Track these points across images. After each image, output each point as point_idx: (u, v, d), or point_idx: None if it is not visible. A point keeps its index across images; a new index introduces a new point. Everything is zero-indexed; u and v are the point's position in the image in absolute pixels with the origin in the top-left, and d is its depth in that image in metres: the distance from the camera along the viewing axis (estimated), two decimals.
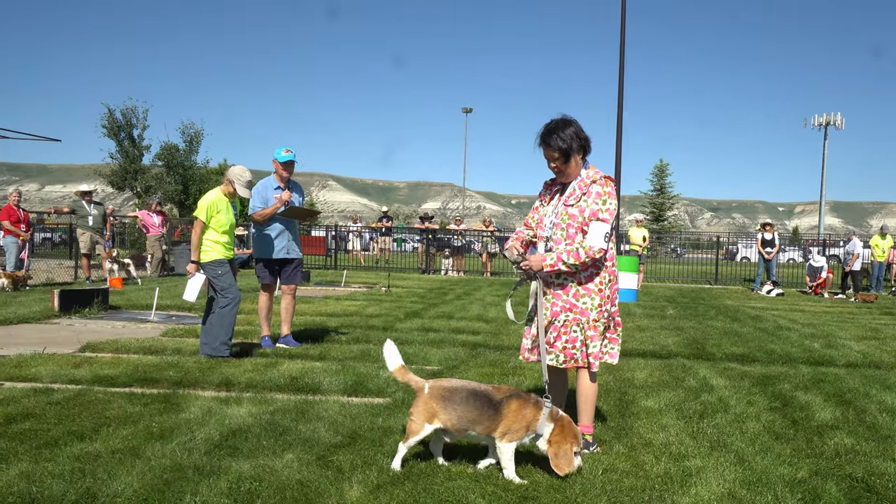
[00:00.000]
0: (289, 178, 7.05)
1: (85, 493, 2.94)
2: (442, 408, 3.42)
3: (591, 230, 3.68)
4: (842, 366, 6.78)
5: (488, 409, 3.40)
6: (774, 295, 16.67)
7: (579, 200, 3.76)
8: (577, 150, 3.76)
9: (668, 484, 3.30)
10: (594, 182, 3.77)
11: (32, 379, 5.24)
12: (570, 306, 3.77)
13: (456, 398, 3.43)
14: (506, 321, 9.50)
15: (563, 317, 3.77)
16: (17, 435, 3.79)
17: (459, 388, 3.49)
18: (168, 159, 29.46)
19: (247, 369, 5.73)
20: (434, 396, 3.45)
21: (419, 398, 3.48)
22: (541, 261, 3.69)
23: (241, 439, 3.81)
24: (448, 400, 3.43)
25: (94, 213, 14.67)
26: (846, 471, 3.58)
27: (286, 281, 7.11)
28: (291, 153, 7.00)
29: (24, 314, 8.75)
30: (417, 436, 3.42)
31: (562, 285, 3.79)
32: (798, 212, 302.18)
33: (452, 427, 3.42)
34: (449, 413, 3.41)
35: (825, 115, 54.05)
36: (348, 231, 25.55)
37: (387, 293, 13.62)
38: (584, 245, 3.65)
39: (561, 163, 3.77)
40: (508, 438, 3.36)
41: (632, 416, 4.58)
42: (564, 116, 3.83)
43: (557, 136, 3.74)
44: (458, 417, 3.40)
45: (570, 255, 3.65)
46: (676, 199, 67.42)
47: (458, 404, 3.42)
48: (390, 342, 3.63)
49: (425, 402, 3.45)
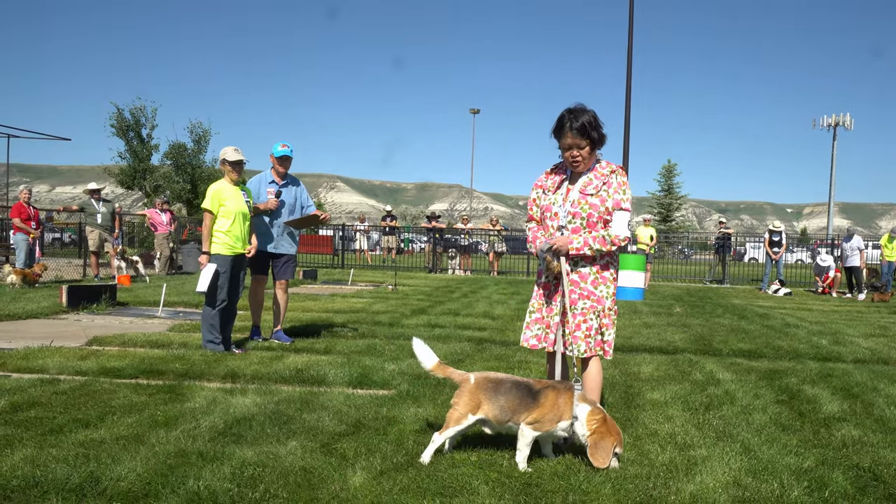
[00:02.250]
0: (285, 172, 7.02)
1: (88, 476, 2.95)
2: (487, 398, 3.42)
3: (615, 219, 3.71)
4: (850, 361, 6.73)
5: (528, 399, 3.40)
6: (782, 294, 16.60)
7: (599, 190, 3.74)
8: (602, 140, 3.76)
9: (673, 472, 3.28)
10: (613, 172, 3.76)
11: (39, 370, 5.26)
12: (588, 293, 3.77)
13: (501, 389, 3.43)
14: (512, 318, 9.49)
15: (581, 304, 3.77)
16: (23, 422, 3.81)
17: (504, 379, 3.49)
18: (176, 158, 29.57)
19: (252, 362, 5.74)
20: (481, 387, 3.45)
21: (464, 388, 3.46)
22: (567, 242, 3.68)
23: (245, 427, 3.82)
24: (494, 391, 3.43)
25: (102, 210, 14.75)
26: (853, 461, 3.55)
27: (277, 276, 7.08)
28: (288, 148, 6.97)
29: (33, 309, 8.80)
30: (459, 426, 3.40)
31: (579, 272, 3.79)
32: (807, 213, 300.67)
33: (494, 418, 3.42)
34: (493, 404, 3.41)
35: (834, 116, 53.65)
36: (355, 231, 25.60)
37: (393, 291, 13.63)
38: (611, 233, 3.69)
39: (587, 151, 3.73)
40: (537, 427, 3.36)
41: (637, 408, 4.56)
42: (581, 104, 3.78)
43: (585, 121, 3.70)
44: (500, 408, 3.40)
45: (597, 241, 3.67)
46: (684, 200, 67.26)
47: (503, 395, 3.41)
48: (418, 340, 3.60)
49: (471, 392, 3.43)
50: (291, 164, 7.08)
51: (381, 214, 25.54)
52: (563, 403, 3.39)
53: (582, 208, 3.75)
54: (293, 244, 7.12)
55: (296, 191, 7.11)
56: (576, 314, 3.76)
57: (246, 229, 6.44)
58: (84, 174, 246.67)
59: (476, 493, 2.96)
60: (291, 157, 7.03)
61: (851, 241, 17.37)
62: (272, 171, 6.99)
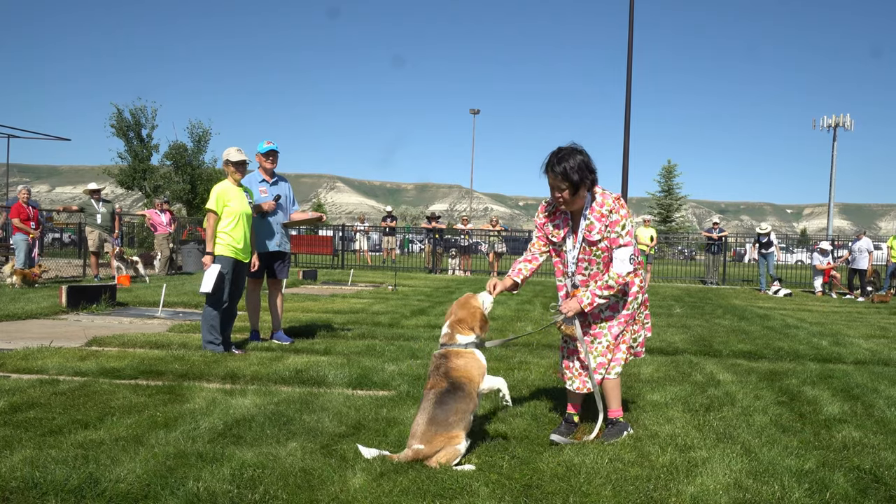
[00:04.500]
0: (273, 170, 7.00)
1: (87, 477, 2.94)
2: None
3: (616, 258, 3.76)
4: (850, 362, 6.72)
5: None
6: (783, 295, 16.59)
7: (603, 234, 3.76)
8: (585, 184, 3.71)
9: (674, 474, 3.28)
10: (612, 211, 3.75)
11: (39, 371, 5.25)
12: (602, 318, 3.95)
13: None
14: (511, 318, 9.47)
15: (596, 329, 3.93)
16: (22, 423, 3.81)
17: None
18: (176, 159, 29.48)
19: (252, 363, 5.74)
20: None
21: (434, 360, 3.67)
22: (578, 303, 3.77)
23: (244, 428, 3.81)
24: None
25: (102, 211, 14.73)
26: (854, 462, 3.54)
27: (276, 275, 7.07)
28: (273, 144, 6.97)
29: (33, 310, 8.79)
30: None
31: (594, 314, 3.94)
32: (807, 214, 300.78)
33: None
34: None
35: (834, 117, 53.64)
36: (355, 231, 25.58)
37: (393, 292, 13.62)
38: (612, 275, 3.73)
39: (568, 194, 3.71)
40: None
41: (637, 409, 4.55)
42: (574, 145, 3.78)
43: (567, 165, 3.65)
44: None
45: (604, 289, 3.74)
46: (684, 201, 67.20)
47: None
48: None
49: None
50: (278, 163, 7.08)
51: (382, 215, 25.50)
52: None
53: (595, 255, 3.84)
54: (288, 242, 7.15)
55: (286, 187, 7.13)
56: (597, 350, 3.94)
57: (249, 231, 6.43)
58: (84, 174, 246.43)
59: (476, 495, 2.95)
60: (278, 152, 7.02)
61: (860, 242, 17.29)
62: (260, 169, 6.99)
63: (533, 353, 6.76)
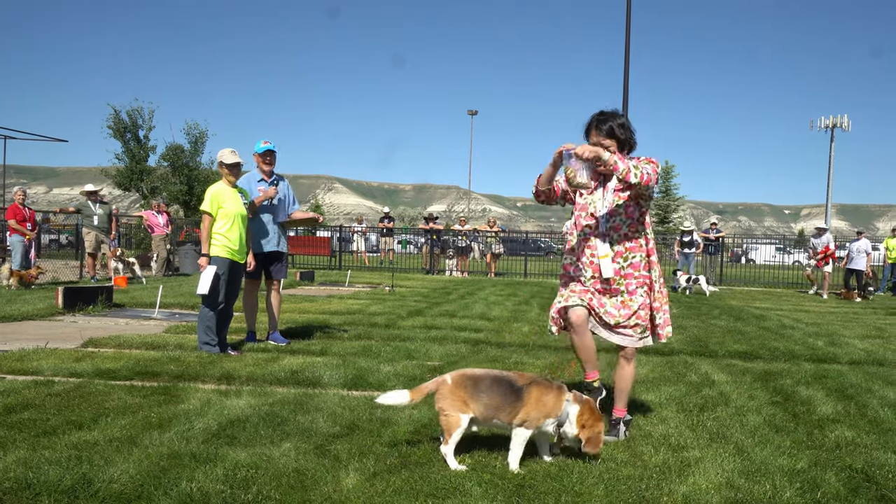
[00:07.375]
0: (271, 170, 7.01)
1: (81, 478, 2.95)
2: (469, 396, 3.33)
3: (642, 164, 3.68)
4: (845, 363, 6.74)
5: (511, 396, 3.34)
6: (689, 293, 16.13)
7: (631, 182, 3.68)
8: (629, 142, 3.78)
9: (666, 473, 3.29)
10: (641, 159, 3.74)
11: (34, 372, 5.25)
12: (644, 280, 3.90)
13: (481, 386, 3.37)
14: (508, 319, 9.49)
15: (640, 293, 3.89)
16: (16, 424, 3.81)
17: (483, 376, 3.44)
18: (173, 160, 29.51)
19: (247, 364, 5.74)
20: (459, 385, 3.37)
21: (443, 391, 3.36)
22: (599, 151, 3.53)
23: (238, 429, 3.82)
24: (474, 388, 3.36)
25: (99, 212, 14.72)
26: (846, 462, 3.56)
27: (274, 275, 7.06)
28: (270, 143, 6.98)
29: (29, 311, 8.78)
30: (460, 428, 3.30)
31: (632, 264, 3.88)
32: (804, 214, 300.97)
33: (480, 416, 3.35)
34: (476, 402, 3.33)
35: (832, 117, 53.69)
36: (353, 232, 25.58)
37: (390, 292, 13.62)
38: (639, 165, 3.64)
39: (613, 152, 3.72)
40: (527, 426, 3.34)
41: (632, 410, 4.54)
42: (615, 110, 3.86)
43: (613, 124, 3.75)
44: (484, 406, 3.33)
45: (629, 170, 3.56)
46: (682, 202, 67.23)
47: (484, 392, 3.35)
48: (383, 396, 3.44)
49: (452, 392, 3.35)
50: (276, 163, 7.07)
51: (379, 216, 25.51)
52: (549, 401, 3.36)
53: (619, 205, 3.82)
54: (286, 243, 7.15)
55: (285, 186, 7.13)
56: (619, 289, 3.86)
57: (244, 231, 6.44)
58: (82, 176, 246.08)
59: (469, 495, 2.95)
60: (275, 152, 7.02)
61: (859, 242, 17.21)
62: (258, 169, 7.00)
63: (529, 353, 6.77)
